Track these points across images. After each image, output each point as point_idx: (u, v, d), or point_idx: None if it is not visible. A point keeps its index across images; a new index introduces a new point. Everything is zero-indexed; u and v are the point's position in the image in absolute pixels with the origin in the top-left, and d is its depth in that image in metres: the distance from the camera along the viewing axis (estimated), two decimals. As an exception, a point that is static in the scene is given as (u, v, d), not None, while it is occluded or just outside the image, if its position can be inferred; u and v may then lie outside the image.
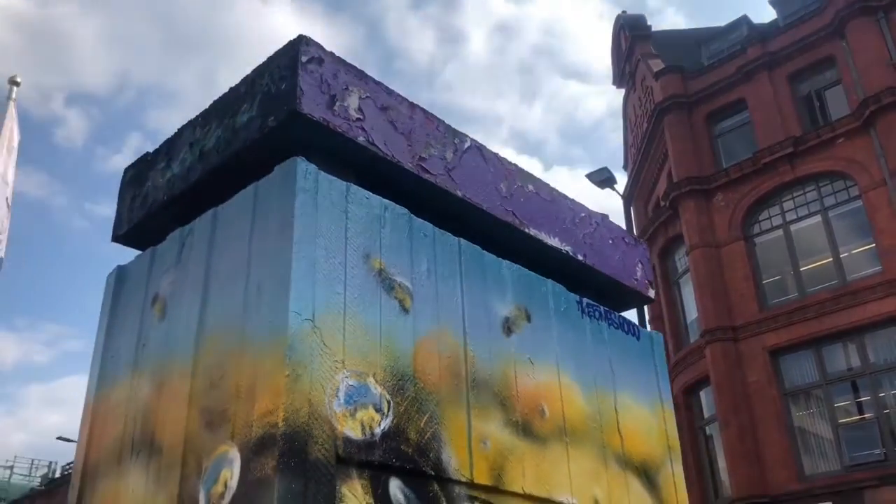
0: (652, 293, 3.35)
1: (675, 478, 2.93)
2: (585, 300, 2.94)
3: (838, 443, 16.88)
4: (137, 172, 2.82)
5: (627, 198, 24.62)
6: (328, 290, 2.06)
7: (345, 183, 2.25)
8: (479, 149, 2.79)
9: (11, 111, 9.38)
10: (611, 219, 3.29)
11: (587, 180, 17.63)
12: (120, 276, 2.68)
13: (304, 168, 2.15)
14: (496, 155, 2.86)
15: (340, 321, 2.05)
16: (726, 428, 18.17)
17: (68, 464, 52.15)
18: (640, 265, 3.33)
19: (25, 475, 56.38)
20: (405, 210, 2.39)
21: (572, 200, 3.14)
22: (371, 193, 2.32)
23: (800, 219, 19.15)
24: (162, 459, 2.14)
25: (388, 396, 2.07)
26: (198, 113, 2.64)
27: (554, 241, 2.92)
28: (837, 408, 17.42)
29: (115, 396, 2.43)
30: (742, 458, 17.60)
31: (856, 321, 17.09)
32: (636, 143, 25.57)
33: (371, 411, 2.01)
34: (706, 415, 20.17)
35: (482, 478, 2.21)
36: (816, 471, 17.06)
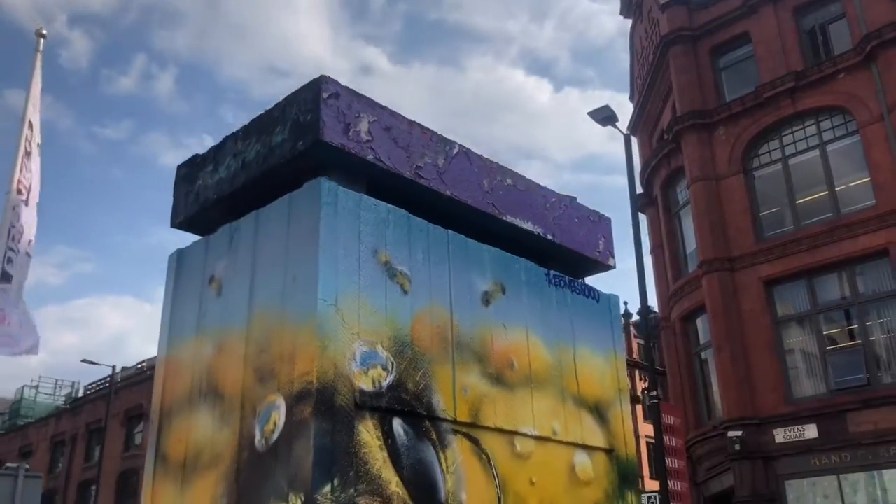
0: (612, 262, 4.03)
1: (623, 414, 3.67)
2: (553, 272, 3.63)
3: (825, 368, 17.77)
4: (189, 171, 3.48)
5: (632, 128, 25.02)
6: (346, 280, 2.76)
7: (358, 194, 2.92)
8: (466, 153, 3.44)
9: (38, 65, 9.91)
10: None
11: (596, 103, 18.07)
12: (180, 258, 3.38)
13: (326, 186, 2.82)
14: (480, 156, 3.50)
15: (356, 304, 2.75)
16: (720, 353, 19.08)
17: (91, 384, 54.10)
18: (602, 239, 4.00)
19: (50, 394, 58.38)
20: (405, 212, 3.05)
21: (545, 188, 3.79)
22: (378, 200, 2.98)
23: (798, 153, 19.58)
24: (224, 404, 2.88)
25: (391, 358, 2.79)
26: (238, 128, 3.29)
27: (527, 226, 3.59)
28: (826, 335, 18.25)
29: (183, 355, 3.16)
30: (734, 383, 18.55)
31: (848, 253, 17.75)
32: (642, 74, 25.76)
33: (379, 370, 2.73)
34: (702, 341, 21.06)
35: (463, 416, 2.95)
36: (803, 394, 18.02)
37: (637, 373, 46.96)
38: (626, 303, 44.05)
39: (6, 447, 52.73)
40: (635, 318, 28.43)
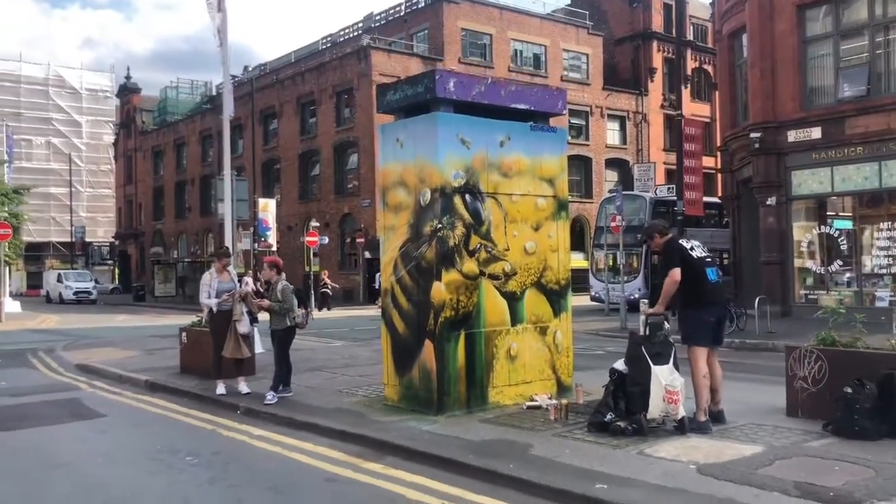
0: (566, 111, 9.02)
1: (563, 181, 8.93)
2: (533, 124, 8.70)
3: (836, 82, 21.63)
4: (382, 91, 8.63)
5: None
6: (447, 147, 7.98)
7: (450, 113, 8.04)
8: (494, 81, 8.40)
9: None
10: None
11: None
12: (383, 129, 8.65)
13: (438, 115, 7.96)
14: (500, 79, 8.47)
15: (451, 155, 8.00)
16: (753, 69, 23.02)
17: (221, 83, 60.81)
18: (560, 102, 8.96)
19: (188, 93, 65.52)
20: (469, 116, 8.14)
21: (534, 86, 8.71)
22: (458, 114, 8.08)
23: None
24: (408, 188, 8.31)
25: (464, 174, 8.09)
26: (403, 78, 8.34)
27: (522, 106, 8.61)
28: (843, 50, 21.76)
29: (389, 168, 8.56)
30: (761, 93, 22.73)
31: (871, -20, 20.58)
32: None
33: (460, 179, 8.06)
34: (744, 55, 24.78)
35: (491, 190, 8.28)
36: (815, 104, 22.13)
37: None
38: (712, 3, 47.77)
39: (163, 139, 61.79)
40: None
